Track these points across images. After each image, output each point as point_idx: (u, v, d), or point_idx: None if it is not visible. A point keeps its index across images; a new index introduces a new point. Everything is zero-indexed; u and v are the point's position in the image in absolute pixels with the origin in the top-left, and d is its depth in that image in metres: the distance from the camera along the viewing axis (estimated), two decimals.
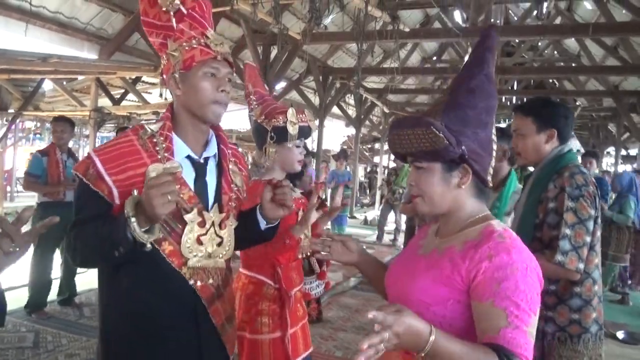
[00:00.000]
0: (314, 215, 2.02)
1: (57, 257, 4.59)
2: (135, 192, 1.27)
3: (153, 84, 9.00)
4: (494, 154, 1.26)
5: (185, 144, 1.46)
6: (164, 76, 1.49)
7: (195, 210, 1.41)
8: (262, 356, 2.00)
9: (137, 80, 8.43)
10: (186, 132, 1.47)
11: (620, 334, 4.63)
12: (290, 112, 2.01)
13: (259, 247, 1.89)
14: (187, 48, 1.40)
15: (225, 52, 1.45)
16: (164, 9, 1.41)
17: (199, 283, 1.43)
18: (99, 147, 1.44)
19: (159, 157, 1.39)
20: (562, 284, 1.88)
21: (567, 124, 2.01)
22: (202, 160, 1.49)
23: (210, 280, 1.46)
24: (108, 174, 1.34)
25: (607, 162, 19.25)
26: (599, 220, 1.89)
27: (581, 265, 1.79)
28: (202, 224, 1.43)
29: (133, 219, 1.23)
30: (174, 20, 1.42)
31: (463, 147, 1.15)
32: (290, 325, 2.05)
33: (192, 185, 1.44)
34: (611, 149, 16.87)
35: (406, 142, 1.20)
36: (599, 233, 1.90)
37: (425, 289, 1.16)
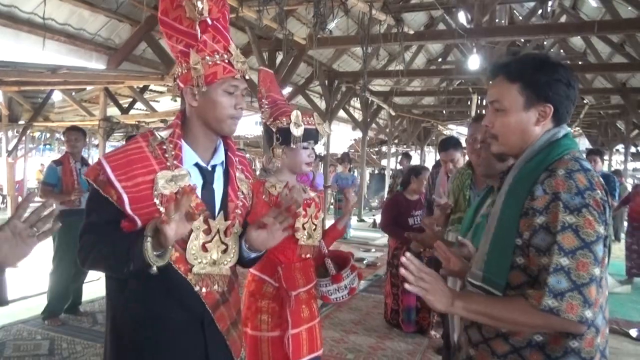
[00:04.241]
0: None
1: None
2: (157, 201, 1.33)
3: (160, 92, 9.08)
4: None
5: (194, 152, 1.47)
6: (180, 84, 1.47)
7: (201, 218, 1.42)
8: (261, 353, 2.03)
9: (145, 89, 8.51)
10: (196, 140, 1.48)
11: (634, 332, 4.60)
12: (295, 113, 2.04)
13: None
14: (210, 63, 1.40)
15: (245, 69, 1.47)
16: (188, 15, 1.38)
17: (204, 290, 1.45)
18: (109, 153, 1.44)
19: (168, 164, 1.40)
20: (553, 336, 1.26)
21: (568, 97, 1.35)
22: (209, 168, 1.50)
23: (215, 287, 1.47)
24: (117, 180, 1.35)
25: (617, 160, 19.11)
26: (609, 241, 1.27)
27: (588, 313, 1.17)
28: (207, 231, 1.45)
29: (149, 241, 1.26)
30: (198, 29, 1.39)
31: None
32: (293, 325, 2.05)
33: (199, 193, 1.45)
34: (620, 147, 16.75)
35: None
36: (606, 260, 1.27)
37: None
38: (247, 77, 1.50)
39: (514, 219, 1.28)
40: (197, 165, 1.48)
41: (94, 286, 5.16)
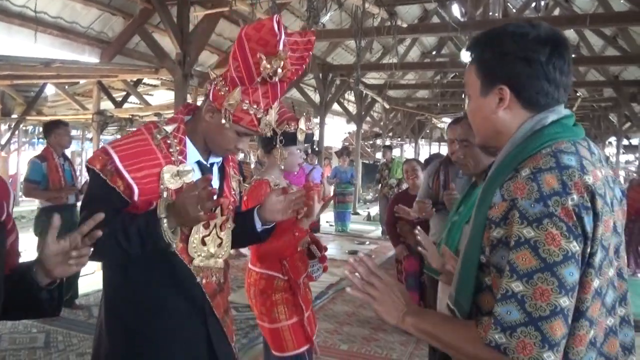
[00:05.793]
0: (317, 207, 2.17)
1: None
2: (165, 195, 1.36)
3: (154, 85, 9.06)
4: None
5: (196, 149, 1.52)
6: (211, 94, 1.46)
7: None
8: (285, 341, 2.22)
9: (138, 82, 8.49)
10: (199, 138, 1.52)
11: None
12: (302, 121, 2.19)
13: (271, 244, 2.03)
14: (243, 108, 1.41)
15: (266, 132, 1.49)
16: (262, 68, 1.37)
17: (204, 280, 1.51)
18: (115, 143, 1.44)
19: (173, 159, 1.44)
20: None
21: (530, 75, 1.03)
22: (208, 165, 1.56)
23: (214, 278, 1.54)
24: (127, 170, 1.37)
25: (609, 152, 19.25)
26: (599, 258, 0.95)
27: (550, 356, 0.88)
28: (207, 226, 1.51)
29: (165, 220, 1.31)
30: (258, 80, 1.39)
31: None
32: (305, 309, 2.28)
33: None
34: (613, 139, 16.87)
35: None
36: (596, 283, 0.95)
37: None
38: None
39: (478, 231, 1.01)
40: (198, 162, 1.53)
41: (90, 279, 5.18)
